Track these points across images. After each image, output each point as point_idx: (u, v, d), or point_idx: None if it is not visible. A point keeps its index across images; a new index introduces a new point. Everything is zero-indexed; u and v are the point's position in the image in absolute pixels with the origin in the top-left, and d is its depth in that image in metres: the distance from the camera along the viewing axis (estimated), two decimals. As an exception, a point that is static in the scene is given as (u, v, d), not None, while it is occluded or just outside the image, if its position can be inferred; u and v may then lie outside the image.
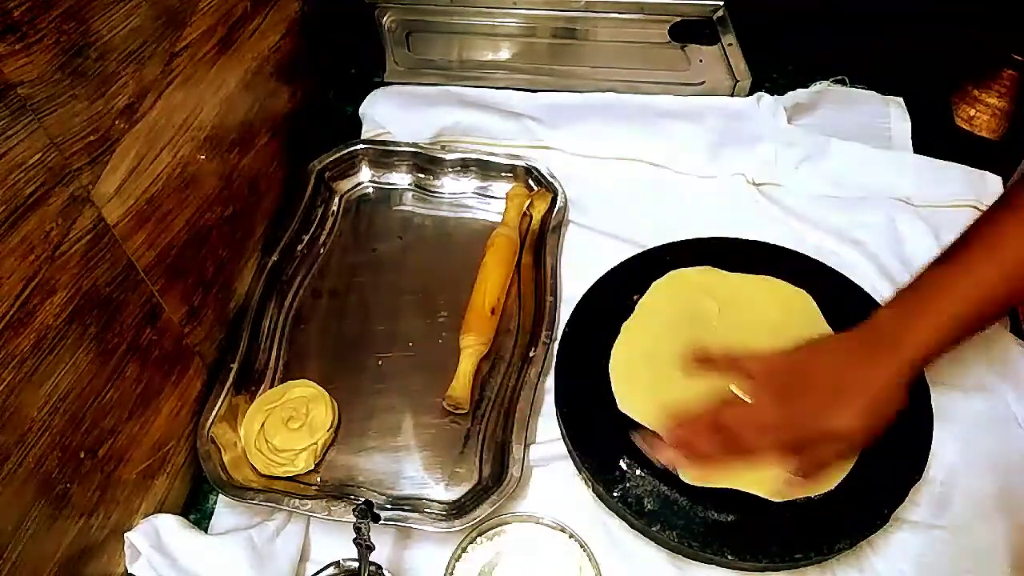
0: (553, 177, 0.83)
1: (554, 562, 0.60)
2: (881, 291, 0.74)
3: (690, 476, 0.61)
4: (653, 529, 0.60)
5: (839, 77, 0.93)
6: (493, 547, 0.61)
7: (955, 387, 0.68)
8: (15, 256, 0.44)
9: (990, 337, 0.71)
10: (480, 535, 0.61)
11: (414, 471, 0.67)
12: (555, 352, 0.70)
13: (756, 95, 0.92)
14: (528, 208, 0.83)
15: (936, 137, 0.88)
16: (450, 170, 0.86)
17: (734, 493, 0.61)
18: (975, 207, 0.80)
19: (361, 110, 0.91)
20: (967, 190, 0.82)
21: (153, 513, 0.61)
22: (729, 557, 0.59)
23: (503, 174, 0.85)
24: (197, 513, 0.66)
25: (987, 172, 0.83)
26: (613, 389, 0.67)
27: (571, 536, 0.60)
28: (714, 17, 1.01)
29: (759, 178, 0.85)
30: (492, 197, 0.86)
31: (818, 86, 0.92)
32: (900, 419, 0.64)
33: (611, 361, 0.69)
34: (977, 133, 0.90)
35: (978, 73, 0.90)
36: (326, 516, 0.60)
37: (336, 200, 0.86)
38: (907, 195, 0.82)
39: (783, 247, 0.77)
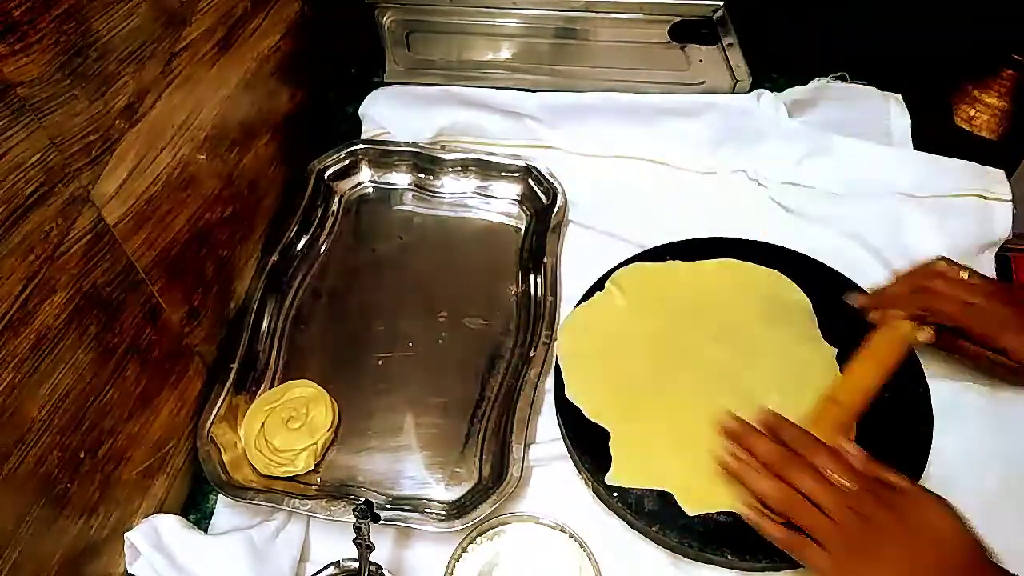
0: (553, 177, 0.83)
1: (554, 562, 0.60)
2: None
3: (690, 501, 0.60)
4: (653, 529, 0.60)
5: (839, 73, 0.93)
6: (493, 547, 0.61)
7: (956, 384, 0.68)
8: (15, 256, 0.44)
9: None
10: (480, 535, 0.61)
11: (414, 471, 0.67)
12: (555, 352, 0.70)
13: (756, 92, 0.92)
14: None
15: (936, 137, 0.88)
16: (450, 170, 0.86)
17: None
18: (981, 196, 0.80)
19: (361, 110, 0.91)
20: (970, 182, 0.82)
21: (153, 513, 0.61)
22: (729, 557, 0.59)
23: (503, 174, 0.85)
24: (197, 513, 0.66)
25: (989, 167, 0.83)
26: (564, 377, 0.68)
27: (571, 536, 0.60)
28: (714, 17, 1.01)
29: (760, 175, 0.85)
30: (492, 197, 0.86)
31: (817, 82, 0.92)
32: (900, 419, 0.64)
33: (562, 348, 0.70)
34: (977, 133, 0.90)
35: (978, 73, 0.90)
36: (326, 516, 0.60)
37: (336, 200, 0.86)
38: (909, 189, 0.82)
39: (783, 247, 0.77)
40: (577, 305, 0.73)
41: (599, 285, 0.74)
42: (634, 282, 0.74)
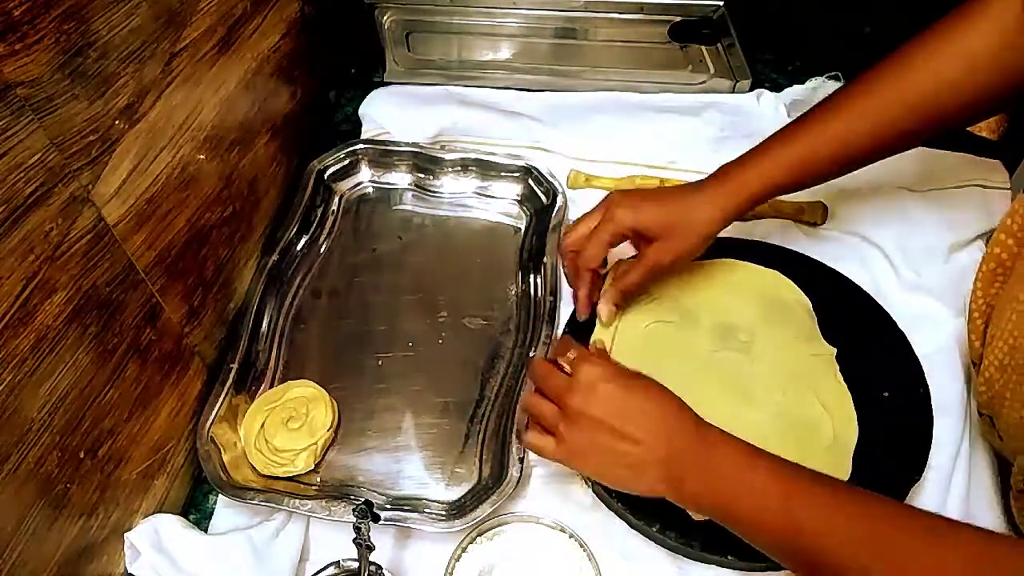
0: (553, 177, 0.83)
1: (554, 562, 0.60)
2: (887, 279, 0.75)
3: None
4: (653, 529, 0.60)
5: (833, 73, 0.93)
6: (493, 547, 0.61)
7: (954, 380, 0.68)
8: (15, 256, 0.44)
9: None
10: (480, 535, 0.61)
11: (414, 471, 0.67)
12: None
13: (756, 92, 0.92)
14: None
15: (935, 136, 0.88)
16: (450, 170, 0.86)
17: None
18: (982, 185, 0.81)
19: (361, 110, 0.91)
20: (969, 172, 0.82)
21: (153, 513, 0.61)
22: (729, 557, 0.59)
23: (503, 174, 0.85)
24: (197, 513, 0.66)
25: (987, 158, 0.83)
26: None
27: (571, 536, 0.60)
28: (714, 17, 1.01)
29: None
30: (492, 197, 0.86)
31: (814, 82, 0.93)
32: (900, 419, 0.65)
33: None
34: (977, 133, 0.90)
35: (978, 73, 0.90)
36: (326, 516, 0.60)
37: (336, 200, 0.86)
38: (910, 184, 0.82)
39: (783, 247, 0.77)
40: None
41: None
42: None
